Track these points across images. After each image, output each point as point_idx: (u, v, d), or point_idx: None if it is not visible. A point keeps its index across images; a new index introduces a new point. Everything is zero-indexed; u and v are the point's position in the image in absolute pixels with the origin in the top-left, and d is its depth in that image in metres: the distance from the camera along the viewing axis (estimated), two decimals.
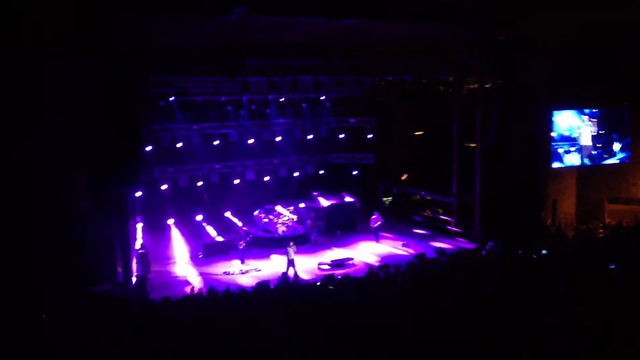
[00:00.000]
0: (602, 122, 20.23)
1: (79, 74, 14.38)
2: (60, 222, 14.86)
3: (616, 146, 20.35)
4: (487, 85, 20.50)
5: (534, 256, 14.49)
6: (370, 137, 25.11)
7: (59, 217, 14.88)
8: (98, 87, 14.92)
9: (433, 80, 21.87)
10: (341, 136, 24.94)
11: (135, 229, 18.54)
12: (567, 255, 14.08)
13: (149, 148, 19.92)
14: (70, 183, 15.29)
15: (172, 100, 19.90)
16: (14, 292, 13.07)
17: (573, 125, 20.10)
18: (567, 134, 20.08)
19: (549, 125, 19.97)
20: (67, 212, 15.13)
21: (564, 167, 20.48)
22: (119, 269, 16.46)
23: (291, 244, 18.11)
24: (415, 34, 18.05)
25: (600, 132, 20.22)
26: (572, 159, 20.30)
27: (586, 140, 20.24)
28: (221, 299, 11.63)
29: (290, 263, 17.73)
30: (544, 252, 14.84)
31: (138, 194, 18.72)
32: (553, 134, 19.98)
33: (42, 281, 13.81)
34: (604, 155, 20.42)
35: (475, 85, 20.80)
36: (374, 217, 21.50)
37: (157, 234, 20.31)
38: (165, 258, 19.69)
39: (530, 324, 8.45)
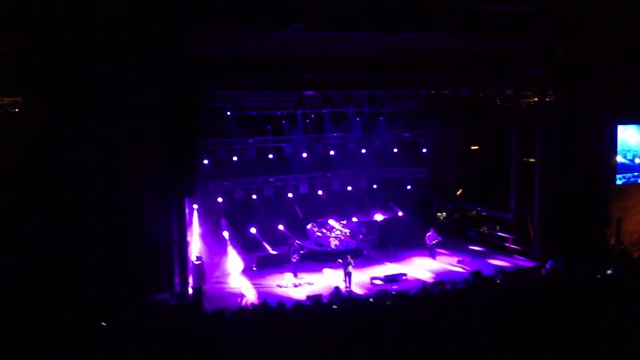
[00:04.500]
0: None
1: (146, 85, 14.90)
2: (122, 229, 15.30)
3: None
4: (547, 99, 19.94)
5: (598, 276, 13.93)
6: (425, 152, 24.83)
7: (121, 223, 15.32)
8: (163, 99, 15.40)
9: (490, 93, 21.44)
10: (395, 150, 24.75)
11: (192, 239, 18.90)
12: (633, 275, 13.48)
13: (205, 161, 20.37)
14: (134, 190, 15.72)
15: (229, 114, 20.30)
16: (76, 296, 13.55)
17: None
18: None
19: (612, 139, 19.21)
20: (129, 218, 15.55)
21: (629, 183, 19.61)
22: (176, 279, 16.78)
23: (348, 257, 18.10)
24: (473, 46, 17.78)
25: None
26: None
27: None
28: (278, 311, 11.67)
29: (348, 276, 17.72)
30: (609, 272, 14.24)
31: (195, 206, 19.12)
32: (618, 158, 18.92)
33: (103, 286, 14.21)
34: None
35: (535, 98, 20.26)
36: (429, 233, 21.13)
37: (213, 245, 20.59)
38: (220, 269, 19.94)
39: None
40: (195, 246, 19.04)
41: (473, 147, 25.25)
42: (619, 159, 19.43)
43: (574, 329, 9.12)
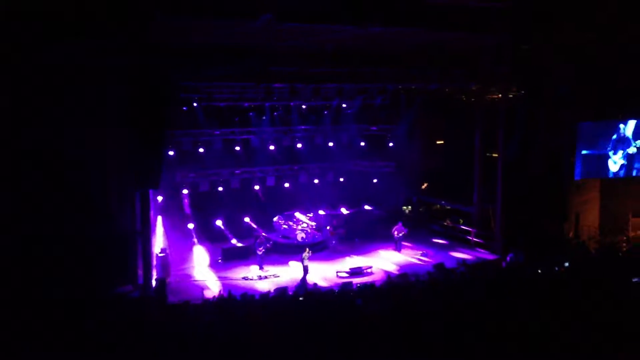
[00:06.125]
0: None
1: (112, 74, 14.62)
2: (85, 220, 15.05)
3: None
4: (510, 95, 20.34)
5: (556, 268, 14.36)
6: (391, 146, 25.02)
7: (84, 215, 15.06)
8: (130, 87, 15.14)
9: (456, 89, 21.73)
10: (362, 144, 24.86)
11: (156, 231, 18.68)
12: (589, 268, 13.94)
13: (171, 152, 20.12)
14: (97, 182, 15.45)
15: (196, 105, 20.07)
16: (40, 288, 13.28)
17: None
18: None
19: (573, 136, 19.73)
20: (93, 210, 15.29)
21: (588, 178, 20.19)
22: (140, 271, 16.59)
23: (307, 249, 18.14)
24: (442, 42, 17.98)
25: None
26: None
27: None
28: (240, 303, 11.68)
29: (305, 270, 17.77)
30: (566, 264, 14.68)
31: (159, 198, 18.88)
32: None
33: (67, 278, 13.96)
34: None
35: (499, 95, 20.64)
36: (397, 226, 21.36)
37: (178, 238, 20.42)
38: (185, 262, 19.79)
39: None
40: (160, 238, 18.84)
41: (438, 142, 25.60)
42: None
43: (532, 319, 9.39)
